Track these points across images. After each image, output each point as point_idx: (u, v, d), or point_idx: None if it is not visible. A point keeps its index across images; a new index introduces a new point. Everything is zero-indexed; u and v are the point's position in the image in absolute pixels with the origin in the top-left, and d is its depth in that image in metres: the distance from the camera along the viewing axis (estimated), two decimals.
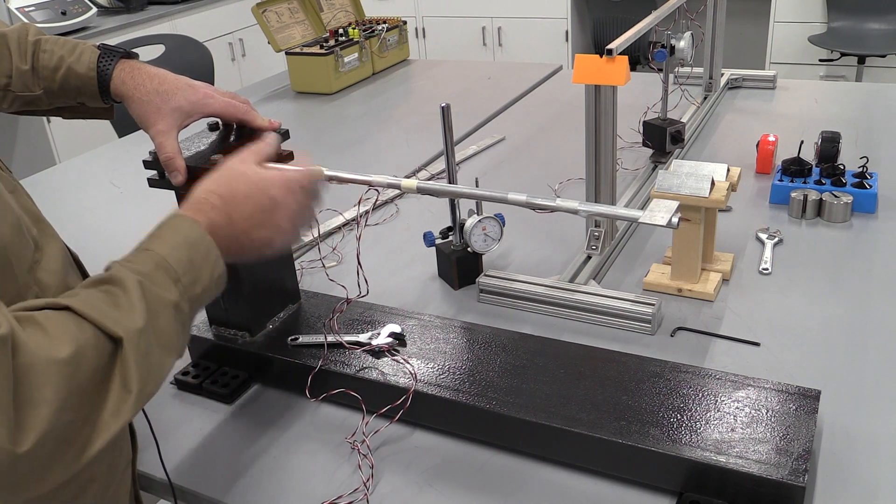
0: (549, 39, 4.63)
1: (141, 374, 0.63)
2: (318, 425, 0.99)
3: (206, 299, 0.75)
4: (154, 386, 0.66)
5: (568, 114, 2.05)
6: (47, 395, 0.57)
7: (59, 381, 0.58)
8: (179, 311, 0.70)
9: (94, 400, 0.61)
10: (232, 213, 0.78)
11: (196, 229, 0.75)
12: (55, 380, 0.57)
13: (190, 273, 0.72)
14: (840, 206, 1.36)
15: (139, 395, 0.63)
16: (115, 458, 0.80)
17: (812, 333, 1.08)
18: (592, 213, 0.88)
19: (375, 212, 1.56)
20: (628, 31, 1.29)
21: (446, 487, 0.88)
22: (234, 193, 0.79)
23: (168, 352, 0.69)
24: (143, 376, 0.64)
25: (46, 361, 0.57)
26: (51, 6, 3.63)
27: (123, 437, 0.83)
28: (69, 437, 0.59)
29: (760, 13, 4.22)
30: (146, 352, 0.65)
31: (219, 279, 0.76)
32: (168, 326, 0.68)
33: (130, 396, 0.62)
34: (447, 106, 1.13)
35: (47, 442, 0.57)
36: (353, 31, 2.45)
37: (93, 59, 0.96)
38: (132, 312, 0.65)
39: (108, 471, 0.78)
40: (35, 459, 0.57)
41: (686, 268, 1.18)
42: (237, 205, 0.79)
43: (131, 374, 0.63)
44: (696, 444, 0.82)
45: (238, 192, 0.79)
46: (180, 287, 0.70)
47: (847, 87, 2.32)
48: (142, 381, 0.63)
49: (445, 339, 1.04)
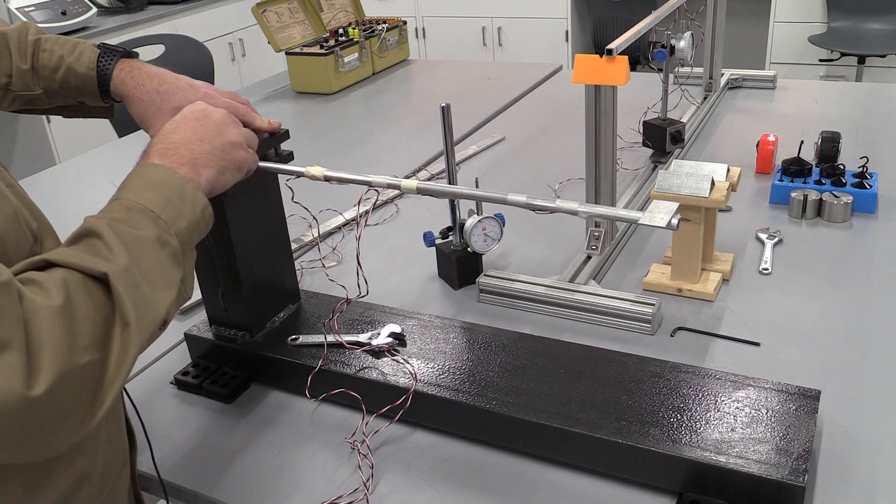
0: (549, 39, 4.63)
1: (135, 306, 0.65)
2: (318, 425, 1.00)
3: (198, 234, 0.78)
4: (152, 319, 0.68)
5: (568, 114, 2.05)
6: (55, 337, 0.59)
7: (62, 326, 0.60)
8: (166, 245, 0.72)
9: (99, 340, 0.63)
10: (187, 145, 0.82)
11: (162, 170, 0.78)
12: (58, 325, 0.60)
13: (168, 209, 0.74)
14: (840, 206, 1.36)
15: (138, 327, 0.65)
16: (111, 454, 0.80)
17: (812, 333, 1.08)
18: (592, 214, 0.88)
19: (375, 212, 1.56)
20: (628, 31, 1.29)
21: (446, 487, 0.88)
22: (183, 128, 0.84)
23: (162, 286, 0.70)
24: (137, 307, 0.65)
25: (48, 308, 0.59)
26: (51, 6, 3.63)
27: (120, 435, 0.83)
28: (83, 381, 0.61)
29: (760, 13, 4.22)
30: (135, 284, 0.66)
31: (203, 212, 0.79)
32: (155, 261, 0.70)
33: (130, 329, 0.64)
34: (447, 106, 1.13)
35: (61, 387, 0.58)
36: (353, 31, 2.45)
37: (92, 58, 0.96)
38: (111, 252, 0.67)
39: (105, 468, 0.78)
40: (51, 404, 0.58)
41: (686, 268, 1.18)
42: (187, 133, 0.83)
43: (125, 307, 0.64)
44: (696, 444, 0.82)
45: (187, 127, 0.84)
46: (161, 224, 0.72)
47: (847, 87, 2.33)
48: (137, 312, 0.65)
49: (445, 339, 1.04)
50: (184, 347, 1.13)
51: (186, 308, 1.26)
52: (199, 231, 0.78)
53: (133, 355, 0.65)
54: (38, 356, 0.58)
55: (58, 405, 0.59)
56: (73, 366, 0.60)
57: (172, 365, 1.13)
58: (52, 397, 0.58)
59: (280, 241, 1.09)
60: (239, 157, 0.88)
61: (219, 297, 1.06)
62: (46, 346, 0.58)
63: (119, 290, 0.65)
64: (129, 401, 0.91)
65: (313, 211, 1.32)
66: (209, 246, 1.01)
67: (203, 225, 0.79)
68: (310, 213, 1.28)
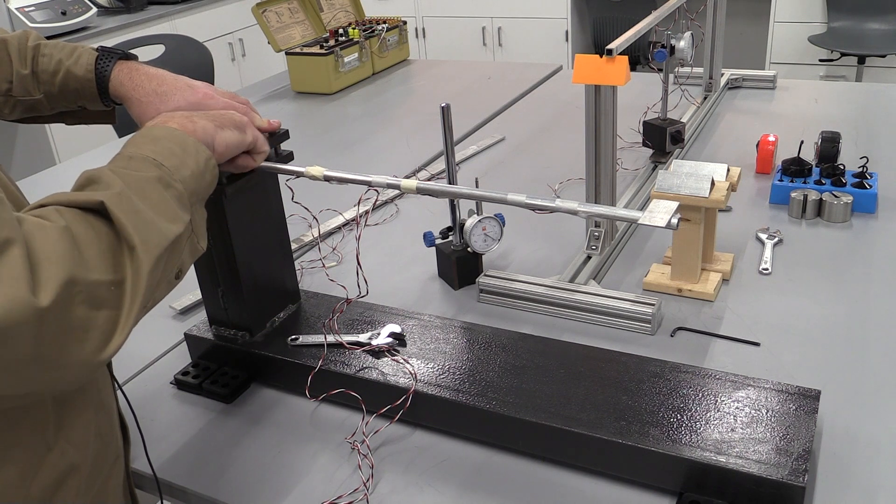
0: (549, 39, 4.63)
1: (136, 229, 0.66)
2: (318, 425, 1.00)
3: (204, 185, 0.79)
4: (157, 243, 0.68)
5: (568, 114, 2.05)
6: (59, 250, 0.59)
7: (66, 243, 0.60)
8: (169, 187, 0.73)
9: (109, 265, 0.63)
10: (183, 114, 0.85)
11: (161, 128, 0.80)
12: (62, 241, 0.60)
13: (171, 159, 0.75)
14: (840, 206, 1.36)
15: (144, 248, 0.66)
16: (101, 447, 0.79)
17: (812, 333, 1.08)
18: (592, 213, 0.88)
19: (375, 212, 1.56)
20: (628, 31, 1.29)
21: (446, 487, 0.88)
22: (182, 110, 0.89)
23: (167, 218, 0.71)
24: (139, 231, 0.66)
25: (50, 227, 0.60)
26: (51, 6, 3.63)
27: (111, 429, 0.82)
28: (96, 299, 0.61)
29: (760, 13, 4.22)
30: (134, 209, 0.67)
31: (207, 162, 0.80)
32: (157, 197, 0.71)
33: (136, 252, 0.65)
34: (447, 106, 1.13)
35: (71, 300, 0.59)
36: (353, 31, 2.45)
37: (90, 61, 0.97)
38: (108, 184, 0.68)
39: (95, 461, 0.78)
40: (63, 319, 0.59)
41: (686, 268, 1.18)
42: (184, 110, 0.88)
43: (126, 230, 0.65)
44: (696, 444, 0.82)
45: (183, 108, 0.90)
46: (164, 169, 0.74)
47: (847, 87, 2.32)
48: (140, 235, 0.66)
49: (445, 339, 1.04)
50: (184, 347, 1.13)
51: (186, 308, 1.26)
52: (204, 182, 0.79)
53: (146, 277, 0.65)
54: (43, 267, 0.58)
55: (71, 321, 0.59)
56: (81, 279, 0.60)
57: (172, 365, 1.13)
58: (64, 311, 0.58)
59: (280, 241, 1.09)
60: (236, 119, 0.90)
61: (219, 297, 1.06)
62: (52, 258, 0.58)
63: (117, 215, 0.65)
64: (124, 396, 0.91)
65: (313, 211, 1.32)
66: (209, 246, 1.01)
67: (209, 176, 0.80)
68: (310, 213, 1.28)
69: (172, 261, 0.72)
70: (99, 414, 0.79)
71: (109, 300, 0.63)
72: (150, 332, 1.21)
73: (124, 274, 0.64)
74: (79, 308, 0.60)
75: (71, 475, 0.74)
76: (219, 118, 0.87)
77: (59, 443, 0.72)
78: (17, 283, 0.55)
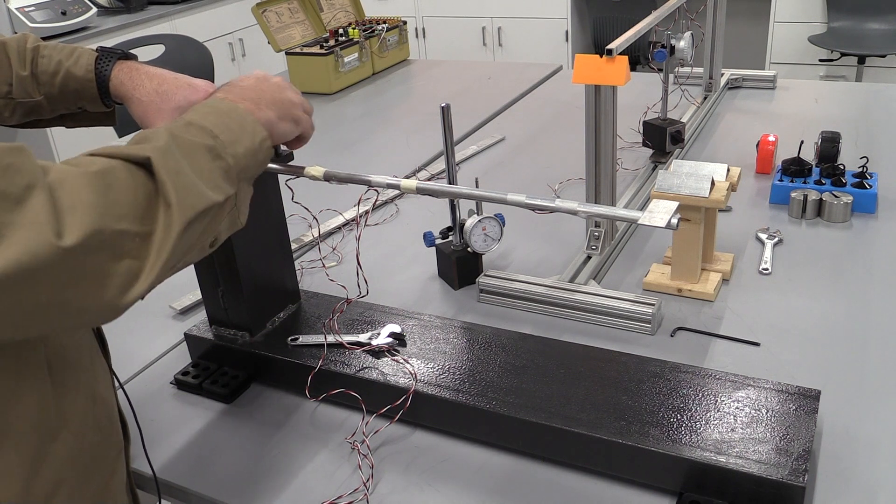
0: (549, 39, 4.63)
1: (176, 187, 0.67)
2: (318, 425, 1.00)
3: (256, 164, 0.81)
4: (193, 204, 0.68)
5: (568, 114, 2.05)
6: (84, 197, 0.60)
7: (96, 189, 0.61)
8: (218, 158, 0.74)
9: (140, 215, 0.64)
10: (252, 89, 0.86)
11: (227, 103, 0.81)
12: (91, 188, 0.61)
13: (227, 133, 0.77)
14: (840, 206, 1.36)
15: (180, 209, 0.66)
16: (101, 440, 0.79)
17: (812, 333, 1.08)
18: (592, 213, 0.88)
19: (375, 212, 1.56)
20: (628, 31, 1.29)
21: (446, 487, 0.88)
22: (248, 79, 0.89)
23: (209, 186, 0.72)
24: (178, 189, 0.67)
25: (78, 174, 0.61)
26: (51, 6, 3.63)
27: (111, 422, 0.82)
28: (122, 248, 0.62)
29: (760, 13, 4.22)
30: (178, 170, 0.68)
31: (262, 143, 0.81)
32: (204, 163, 0.73)
33: (171, 210, 0.66)
34: (447, 106, 1.13)
35: (97, 245, 0.60)
36: (353, 31, 2.45)
37: (90, 61, 0.97)
38: (159, 141, 0.69)
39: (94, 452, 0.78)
40: (87, 261, 0.59)
41: (686, 268, 1.18)
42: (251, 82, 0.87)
43: (166, 187, 0.66)
44: (696, 444, 0.82)
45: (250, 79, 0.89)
46: (219, 142, 0.75)
47: (847, 87, 2.33)
48: (178, 193, 0.67)
49: (445, 339, 1.04)
50: (184, 347, 1.13)
51: (186, 308, 1.26)
52: (256, 161, 0.80)
53: (176, 235, 0.66)
54: (67, 213, 0.58)
55: (93, 267, 0.60)
56: (107, 228, 0.61)
57: (172, 365, 1.13)
58: (88, 254, 0.59)
59: (280, 241, 1.09)
60: (296, 113, 0.91)
61: (219, 297, 1.06)
62: (76, 205, 0.59)
63: (160, 172, 0.66)
64: (125, 394, 0.91)
65: (313, 211, 1.32)
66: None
67: (261, 156, 0.81)
68: (310, 213, 1.28)
69: (209, 228, 0.73)
70: (96, 405, 0.79)
71: (133, 250, 0.64)
72: (150, 332, 1.22)
73: (154, 227, 0.65)
74: (101, 255, 0.61)
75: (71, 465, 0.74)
76: (282, 109, 0.88)
77: (62, 433, 0.73)
78: (40, 228, 0.56)
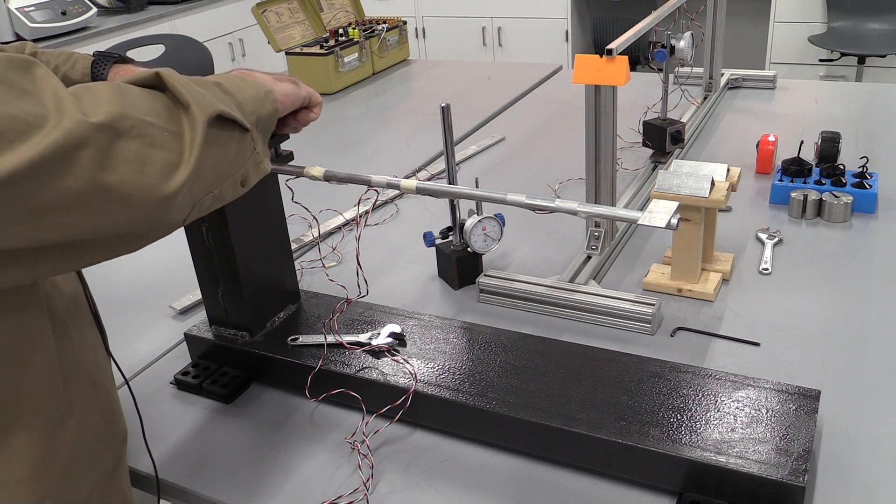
0: (549, 39, 4.63)
1: (189, 92, 0.70)
2: (318, 425, 1.00)
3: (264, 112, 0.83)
4: (210, 105, 0.72)
5: (568, 114, 2.05)
6: (107, 96, 0.63)
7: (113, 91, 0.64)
8: (228, 94, 0.77)
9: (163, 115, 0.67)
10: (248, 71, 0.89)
11: (226, 74, 0.84)
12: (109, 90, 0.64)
13: (230, 83, 0.80)
14: (840, 206, 1.36)
15: (198, 107, 0.70)
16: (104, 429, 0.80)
17: (812, 333, 1.08)
18: (592, 214, 0.88)
19: (375, 212, 1.56)
20: (628, 31, 1.29)
21: (446, 487, 0.88)
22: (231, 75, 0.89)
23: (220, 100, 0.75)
24: (192, 94, 0.70)
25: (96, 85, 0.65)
26: (51, 6, 3.63)
27: (113, 412, 0.82)
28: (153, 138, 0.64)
29: (760, 13, 4.22)
30: (187, 83, 0.71)
31: (267, 95, 0.85)
32: (216, 94, 0.75)
33: (191, 109, 0.69)
34: (447, 106, 1.13)
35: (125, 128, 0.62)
36: (353, 31, 2.45)
37: (87, 65, 0.97)
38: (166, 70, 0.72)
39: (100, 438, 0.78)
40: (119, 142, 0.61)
41: (686, 268, 1.18)
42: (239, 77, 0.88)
43: (180, 92, 0.69)
44: (696, 444, 0.82)
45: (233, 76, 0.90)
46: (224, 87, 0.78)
47: (847, 87, 2.33)
48: (192, 96, 0.70)
49: (445, 339, 1.04)
50: (184, 347, 1.13)
51: (186, 308, 1.26)
52: (264, 109, 0.83)
53: (203, 128, 0.69)
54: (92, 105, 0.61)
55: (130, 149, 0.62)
56: (132, 115, 0.63)
57: (172, 365, 1.13)
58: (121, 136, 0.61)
59: (280, 241, 1.09)
60: (287, 77, 0.93)
61: (219, 297, 1.06)
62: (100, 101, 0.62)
63: (171, 83, 0.69)
64: (129, 390, 0.91)
65: (313, 211, 1.32)
66: (209, 246, 1.01)
67: (268, 105, 0.84)
68: (310, 213, 1.28)
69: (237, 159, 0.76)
70: (99, 392, 0.79)
71: (165, 143, 0.65)
72: (150, 332, 1.22)
73: (181, 128, 0.68)
74: (135, 142, 0.62)
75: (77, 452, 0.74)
76: (274, 75, 0.91)
77: (68, 419, 0.73)
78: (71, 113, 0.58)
